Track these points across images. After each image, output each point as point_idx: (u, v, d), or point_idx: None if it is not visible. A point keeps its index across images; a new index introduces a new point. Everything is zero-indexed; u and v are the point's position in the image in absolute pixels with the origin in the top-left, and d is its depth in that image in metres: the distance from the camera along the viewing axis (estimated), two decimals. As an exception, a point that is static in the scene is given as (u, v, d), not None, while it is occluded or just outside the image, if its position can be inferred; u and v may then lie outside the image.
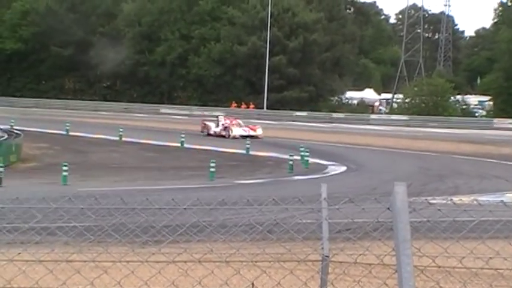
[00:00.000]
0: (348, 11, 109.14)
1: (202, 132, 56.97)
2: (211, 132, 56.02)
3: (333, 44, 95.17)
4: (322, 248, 8.67)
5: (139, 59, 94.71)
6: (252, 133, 54.41)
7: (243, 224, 8.00)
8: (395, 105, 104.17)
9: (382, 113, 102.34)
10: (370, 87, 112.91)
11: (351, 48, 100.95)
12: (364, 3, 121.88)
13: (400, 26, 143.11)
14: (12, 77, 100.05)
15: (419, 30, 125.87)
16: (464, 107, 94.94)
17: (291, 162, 36.45)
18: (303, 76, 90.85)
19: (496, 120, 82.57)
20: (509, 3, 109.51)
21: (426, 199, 16.43)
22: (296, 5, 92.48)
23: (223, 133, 55.12)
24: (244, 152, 44.70)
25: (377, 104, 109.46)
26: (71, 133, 54.27)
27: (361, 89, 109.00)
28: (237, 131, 54.91)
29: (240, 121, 57.96)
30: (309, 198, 10.09)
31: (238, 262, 8.37)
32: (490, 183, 32.45)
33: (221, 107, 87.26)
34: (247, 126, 56.61)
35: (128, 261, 7.48)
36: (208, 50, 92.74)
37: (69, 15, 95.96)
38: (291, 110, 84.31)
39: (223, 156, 41.67)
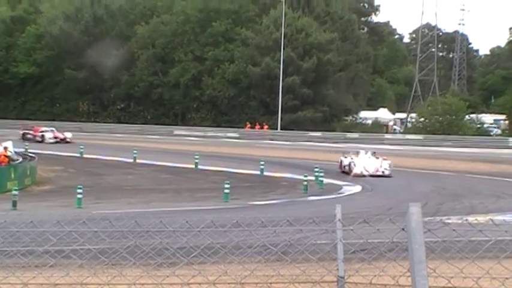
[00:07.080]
0: (361, 31, 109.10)
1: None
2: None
3: (346, 64, 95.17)
4: (337, 269, 8.62)
5: (153, 81, 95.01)
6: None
7: (258, 246, 7.96)
8: (409, 124, 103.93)
9: (396, 133, 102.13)
10: (384, 107, 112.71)
11: (364, 67, 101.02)
12: (377, 23, 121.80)
13: (414, 45, 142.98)
14: (26, 100, 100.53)
15: (433, 49, 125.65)
16: (479, 126, 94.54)
17: (305, 183, 36.42)
18: (317, 96, 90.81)
19: (511, 139, 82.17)
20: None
21: (441, 219, 16.35)
22: (309, 26, 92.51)
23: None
24: (258, 173, 44.67)
25: (391, 123, 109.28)
26: (85, 155, 54.35)
27: (375, 109, 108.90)
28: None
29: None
30: (323, 219, 10.05)
31: (253, 284, 8.33)
32: (505, 202, 32.30)
33: (235, 127, 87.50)
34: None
35: (142, 284, 7.47)
36: (222, 71, 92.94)
37: (83, 38, 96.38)
38: (305, 130, 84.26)
39: (238, 178, 41.65)
